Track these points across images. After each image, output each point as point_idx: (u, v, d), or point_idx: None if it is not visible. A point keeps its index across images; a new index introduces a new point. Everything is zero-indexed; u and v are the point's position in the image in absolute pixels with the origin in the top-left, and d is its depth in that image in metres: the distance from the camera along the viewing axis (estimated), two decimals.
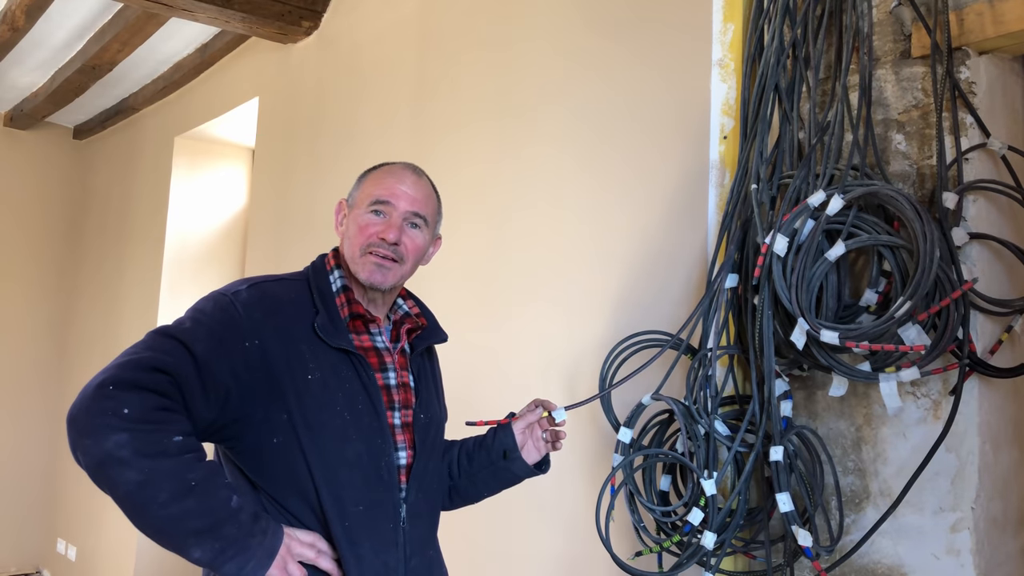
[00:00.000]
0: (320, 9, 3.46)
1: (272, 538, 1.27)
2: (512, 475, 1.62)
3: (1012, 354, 1.53)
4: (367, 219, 1.46)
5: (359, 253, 1.45)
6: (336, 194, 3.19)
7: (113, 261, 5.16)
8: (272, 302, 1.39)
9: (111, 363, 1.25)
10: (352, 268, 1.46)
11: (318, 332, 1.39)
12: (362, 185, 1.52)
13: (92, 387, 1.21)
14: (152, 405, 1.21)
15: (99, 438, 1.18)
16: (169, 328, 1.31)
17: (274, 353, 1.34)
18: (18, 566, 5.51)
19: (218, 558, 1.22)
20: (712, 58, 1.88)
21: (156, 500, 1.19)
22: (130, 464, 1.17)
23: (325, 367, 1.38)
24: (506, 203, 2.39)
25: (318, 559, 1.33)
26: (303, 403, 1.35)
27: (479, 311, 2.44)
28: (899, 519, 1.52)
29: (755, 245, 1.65)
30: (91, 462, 1.19)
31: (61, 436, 5.51)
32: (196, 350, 1.27)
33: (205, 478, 1.23)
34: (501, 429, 1.61)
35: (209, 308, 1.35)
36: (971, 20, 1.50)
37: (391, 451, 1.42)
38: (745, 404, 1.71)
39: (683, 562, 1.63)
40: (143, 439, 1.19)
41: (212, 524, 1.22)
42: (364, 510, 1.37)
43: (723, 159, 1.83)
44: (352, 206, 1.51)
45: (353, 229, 1.47)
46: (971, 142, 1.52)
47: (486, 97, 2.53)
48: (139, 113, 5.08)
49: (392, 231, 1.45)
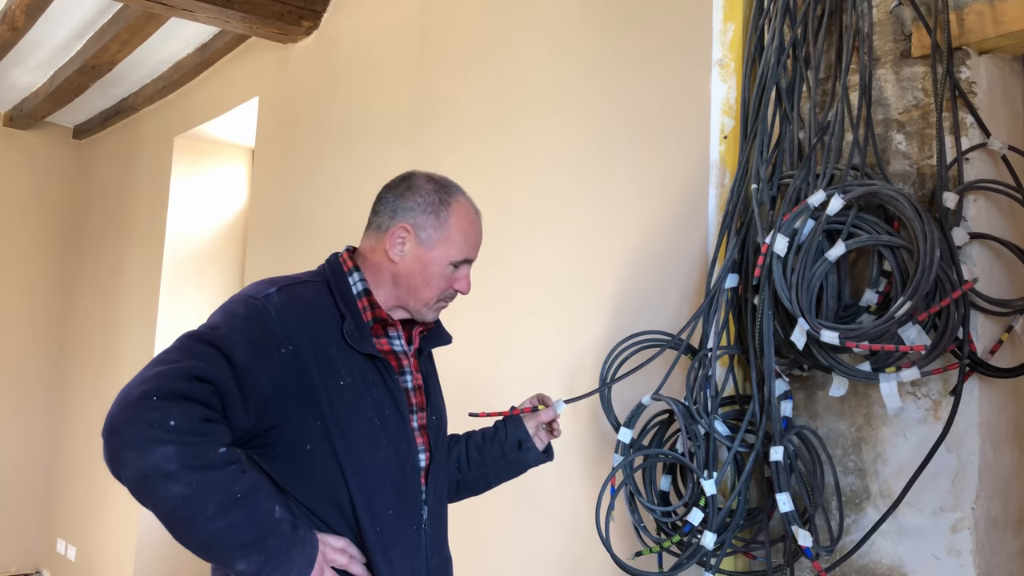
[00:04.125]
0: (320, 9, 3.46)
1: (310, 547, 1.27)
2: (524, 464, 1.67)
3: (1012, 354, 1.53)
4: (451, 272, 1.48)
5: (433, 300, 1.47)
6: (336, 194, 3.19)
7: (113, 261, 5.16)
8: (302, 306, 1.38)
9: (148, 371, 1.20)
10: (413, 305, 1.48)
11: (346, 337, 1.38)
12: (444, 229, 1.46)
13: (135, 397, 1.16)
14: (198, 416, 1.18)
15: (145, 450, 1.14)
16: (205, 333, 1.27)
17: (307, 359, 1.33)
18: (18, 566, 5.51)
19: (263, 570, 1.21)
20: (712, 58, 1.88)
21: (204, 514, 1.16)
22: (177, 478, 1.14)
23: (355, 372, 1.38)
24: (506, 202, 2.39)
25: (350, 565, 1.33)
26: (336, 410, 1.34)
27: (479, 311, 2.44)
28: (899, 519, 1.52)
29: (755, 245, 1.65)
30: (134, 476, 1.15)
31: (61, 436, 5.52)
32: (235, 358, 1.25)
33: (250, 490, 1.21)
34: (511, 421, 1.66)
35: (242, 313, 1.32)
36: (971, 20, 1.50)
37: (415, 455, 1.44)
38: (745, 404, 1.71)
39: (683, 562, 1.63)
40: (189, 452, 1.15)
41: (257, 536, 1.20)
42: (394, 514, 1.39)
43: (723, 159, 1.83)
44: (428, 248, 1.46)
45: (432, 275, 1.46)
46: (971, 142, 1.51)
47: (486, 96, 2.53)
48: (139, 113, 5.07)
49: (467, 284, 1.50)
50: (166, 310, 4.52)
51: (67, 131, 5.77)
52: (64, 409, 5.53)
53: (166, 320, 4.51)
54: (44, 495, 5.55)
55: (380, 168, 2.96)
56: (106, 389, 4.97)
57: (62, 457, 5.47)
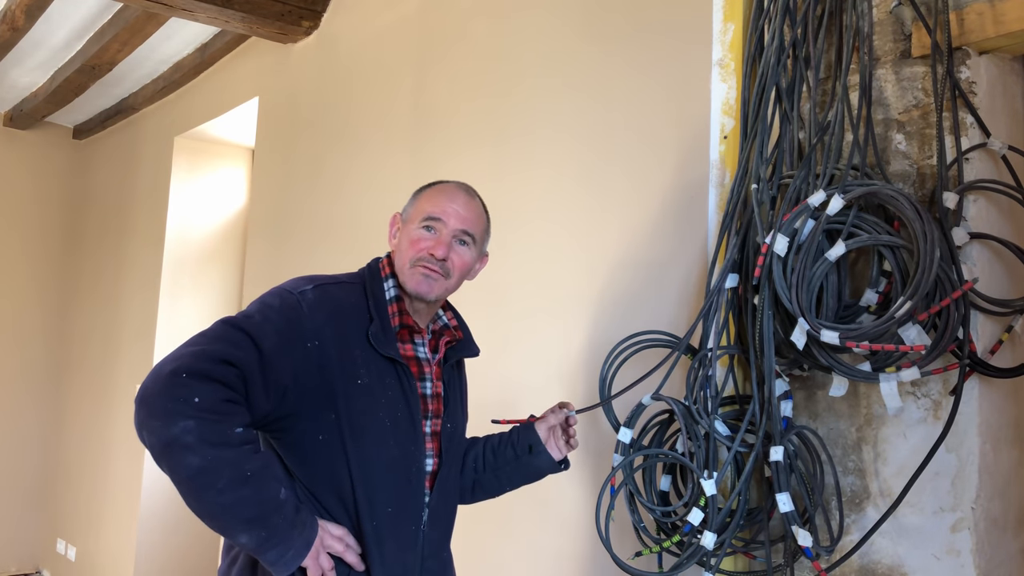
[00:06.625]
0: (320, 9, 3.46)
1: (310, 530, 1.35)
2: (536, 469, 1.70)
3: (1012, 354, 1.53)
4: (418, 234, 1.53)
5: (408, 264, 1.51)
6: (336, 194, 3.19)
7: (113, 261, 5.16)
8: (334, 306, 1.46)
9: (184, 350, 1.31)
10: (401, 279, 1.53)
11: (371, 340, 1.45)
12: (416, 201, 1.58)
13: (166, 372, 1.27)
14: (220, 397, 1.27)
15: (168, 422, 1.24)
16: (239, 321, 1.37)
17: (330, 356, 1.41)
18: (18, 566, 5.51)
19: (263, 545, 1.30)
20: (712, 58, 1.88)
21: (215, 486, 1.25)
22: (194, 450, 1.23)
23: (373, 373, 1.45)
24: (506, 201, 2.39)
25: (345, 553, 1.40)
26: (351, 406, 1.42)
27: (479, 311, 2.44)
28: (899, 519, 1.52)
29: (755, 245, 1.65)
30: (157, 442, 1.25)
31: (61, 436, 5.52)
32: (263, 346, 1.34)
33: (260, 469, 1.30)
34: (526, 427, 1.71)
35: (277, 305, 1.41)
36: (971, 20, 1.50)
37: (422, 458, 1.50)
38: (745, 404, 1.70)
39: (683, 562, 1.63)
40: (209, 428, 1.25)
41: (261, 514, 1.29)
42: (392, 512, 1.45)
43: (723, 159, 1.83)
44: (406, 221, 1.57)
45: (405, 243, 1.54)
46: (971, 142, 1.51)
47: (486, 96, 2.53)
48: (139, 113, 5.07)
49: (441, 247, 1.51)
50: (166, 309, 4.52)
51: (67, 131, 5.76)
52: (65, 409, 5.53)
53: (166, 319, 4.52)
54: (44, 495, 5.55)
55: (380, 168, 2.96)
56: (107, 389, 4.97)
57: (62, 457, 5.47)
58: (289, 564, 1.32)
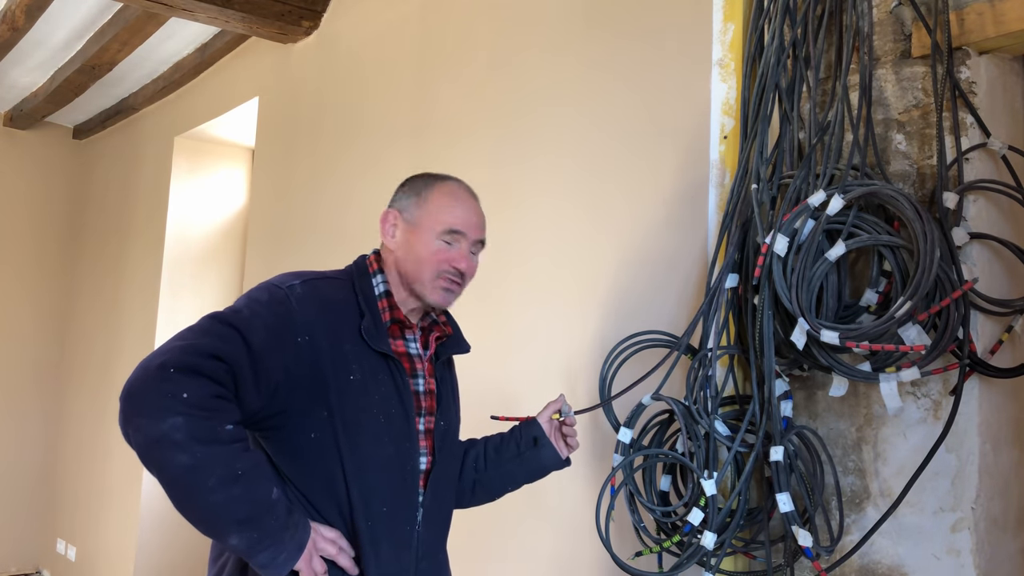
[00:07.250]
0: (320, 9, 3.46)
1: (302, 532, 1.31)
2: (539, 464, 1.68)
3: (1012, 354, 1.53)
4: (440, 247, 1.49)
5: (430, 277, 1.48)
6: (336, 194, 3.19)
7: (113, 261, 5.16)
8: (323, 300, 1.43)
9: (170, 344, 1.27)
10: (417, 288, 1.49)
11: (363, 335, 1.43)
12: (426, 206, 1.51)
13: (153, 367, 1.22)
14: (209, 392, 1.23)
15: (155, 418, 1.19)
16: (227, 316, 1.33)
17: (321, 351, 1.38)
18: (18, 566, 5.51)
19: (254, 547, 1.25)
20: (712, 58, 1.88)
21: (204, 485, 1.21)
22: (184, 447, 1.19)
23: (365, 369, 1.42)
24: (506, 203, 2.39)
25: (338, 556, 1.36)
26: (343, 403, 1.38)
27: (479, 311, 2.44)
28: (899, 519, 1.52)
29: (755, 245, 1.65)
30: (143, 440, 1.21)
31: (61, 436, 5.52)
32: (252, 341, 1.30)
33: (251, 468, 1.26)
34: (527, 423, 1.70)
35: (265, 299, 1.38)
36: (971, 20, 1.50)
37: (416, 456, 1.47)
38: (745, 404, 1.70)
39: (683, 562, 1.63)
40: (198, 424, 1.21)
41: (253, 514, 1.24)
42: (388, 511, 1.42)
43: (723, 159, 1.83)
44: (414, 224, 1.50)
45: (423, 252, 1.49)
46: (971, 142, 1.51)
47: (486, 98, 2.53)
48: (139, 113, 5.07)
49: (464, 261, 1.49)
50: (166, 309, 4.53)
51: (67, 131, 5.76)
52: (65, 409, 5.53)
53: (166, 319, 4.52)
54: (44, 495, 5.55)
55: (380, 168, 2.96)
56: (106, 389, 4.97)
57: (62, 457, 5.47)
58: (281, 567, 1.27)
